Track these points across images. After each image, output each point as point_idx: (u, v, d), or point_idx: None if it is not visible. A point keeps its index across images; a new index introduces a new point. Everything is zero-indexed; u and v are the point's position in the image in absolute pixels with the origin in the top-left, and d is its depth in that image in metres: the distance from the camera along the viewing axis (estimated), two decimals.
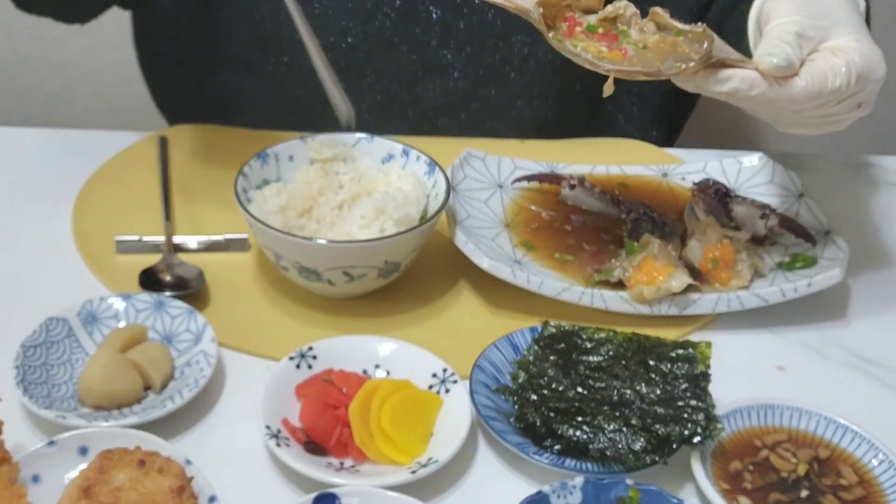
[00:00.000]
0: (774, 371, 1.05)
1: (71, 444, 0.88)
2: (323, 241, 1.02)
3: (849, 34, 1.00)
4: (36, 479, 0.87)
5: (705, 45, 0.96)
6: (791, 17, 1.00)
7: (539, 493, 0.87)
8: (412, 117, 1.33)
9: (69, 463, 0.88)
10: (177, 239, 1.14)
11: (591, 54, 0.98)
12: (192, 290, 1.07)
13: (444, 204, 1.08)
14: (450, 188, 1.10)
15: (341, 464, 0.92)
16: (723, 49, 0.98)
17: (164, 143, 1.27)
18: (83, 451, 0.88)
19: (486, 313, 1.09)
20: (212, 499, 0.85)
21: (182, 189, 1.22)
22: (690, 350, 0.97)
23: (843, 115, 1.02)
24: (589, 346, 0.99)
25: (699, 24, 0.99)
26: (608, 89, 0.97)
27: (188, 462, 0.87)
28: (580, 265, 1.12)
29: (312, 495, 0.86)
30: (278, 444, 0.90)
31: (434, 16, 1.28)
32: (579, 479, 0.88)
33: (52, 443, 0.88)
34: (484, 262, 1.07)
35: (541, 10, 0.98)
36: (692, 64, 0.96)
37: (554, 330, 1.01)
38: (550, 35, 0.98)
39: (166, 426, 0.94)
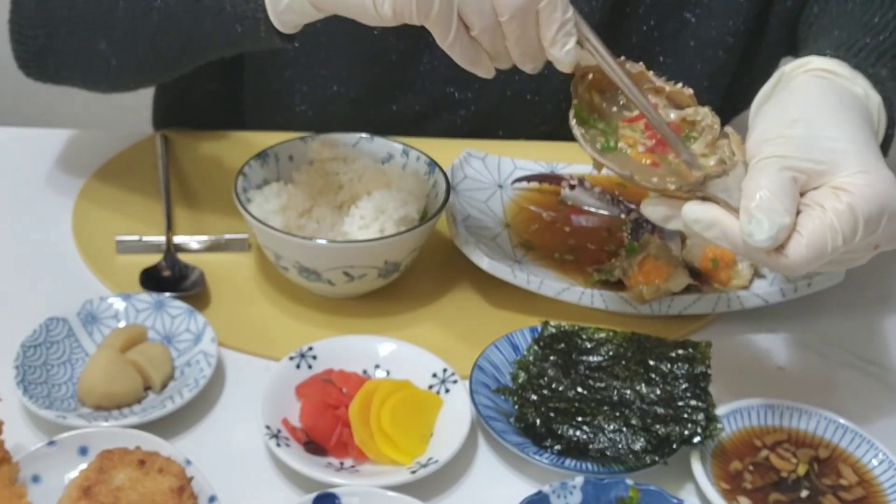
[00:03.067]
0: (774, 371, 1.05)
1: (71, 444, 0.88)
2: (323, 241, 1.02)
3: (853, 164, 0.84)
4: (36, 479, 0.87)
5: (712, 174, 0.86)
6: (779, 150, 0.85)
7: (539, 493, 0.87)
8: None
9: (69, 463, 0.88)
10: (177, 239, 1.14)
11: (604, 143, 0.91)
12: (192, 292, 1.07)
13: (444, 204, 1.08)
14: (450, 188, 1.10)
15: (341, 464, 0.92)
16: (728, 190, 0.86)
17: (164, 143, 1.27)
18: (83, 451, 0.88)
19: (486, 313, 1.09)
20: (212, 499, 0.85)
21: (182, 189, 1.22)
22: (690, 350, 0.97)
23: (860, 255, 0.88)
24: (589, 346, 0.99)
25: (738, 160, 0.88)
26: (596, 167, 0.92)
27: (188, 462, 0.87)
28: (580, 265, 1.12)
29: (312, 495, 0.86)
30: (278, 444, 0.90)
31: (439, 53, 1.27)
32: (579, 479, 0.88)
33: (52, 443, 0.88)
34: (484, 262, 1.07)
35: (590, 76, 0.92)
36: (672, 187, 0.86)
37: (554, 330, 1.01)
38: (574, 102, 0.92)
39: (166, 426, 0.94)
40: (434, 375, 0.98)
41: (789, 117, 0.88)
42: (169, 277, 1.09)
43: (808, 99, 0.91)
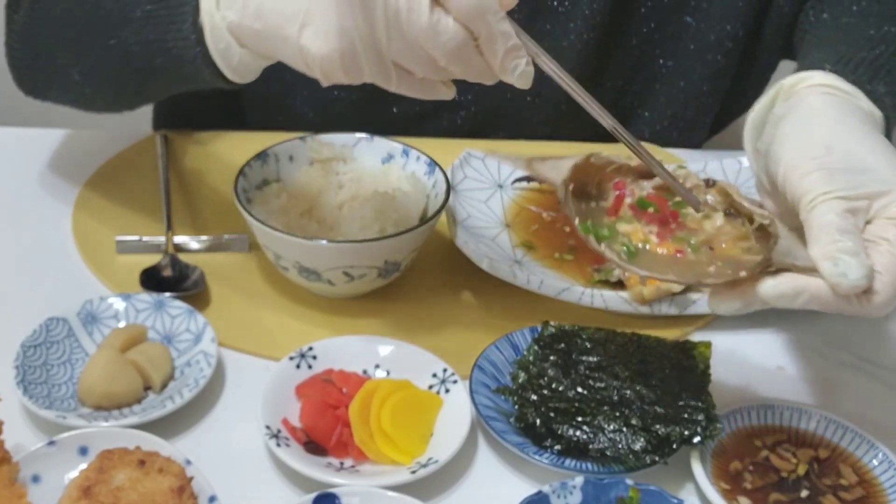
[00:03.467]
0: (774, 371, 1.05)
1: (71, 444, 0.88)
2: (323, 241, 1.02)
3: None
4: (36, 479, 0.87)
5: (769, 244, 0.82)
6: (827, 186, 0.83)
7: (539, 493, 0.87)
8: None
9: (69, 463, 0.88)
10: (177, 239, 1.14)
11: (626, 248, 0.87)
12: (192, 292, 1.07)
13: (444, 204, 1.08)
14: (450, 188, 1.10)
15: (341, 464, 0.92)
16: (789, 252, 0.82)
17: (164, 143, 1.27)
18: (83, 451, 0.88)
19: (486, 313, 1.09)
20: (212, 499, 0.85)
21: (182, 189, 1.22)
22: (690, 350, 0.97)
23: None
24: (589, 346, 0.99)
25: (766, 214, 0.85)
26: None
27: (188, 462, 0.87)
28: (580, 265, 1.12)
29: (312, 495, 0.86)
30: (278, 444, 0.90)
31: None
32: (579, 479, 0.88)
33: (52, 443, 0.88)
34: (484, 262, 1.07)
35: (570, 186, 0.88)
36: (743, 273, 0.82)
37: (554, 330, 1.01)
38: (577, 222, 0.87)
39: (166, 426, 0.94)
40: (434, 375, 0.98)
41: (821, 143, 0.86)
42: (169, 277, 1.09)
43: (831, 120, 0.89)
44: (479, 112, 1.30)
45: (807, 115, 0.91)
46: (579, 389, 0.96)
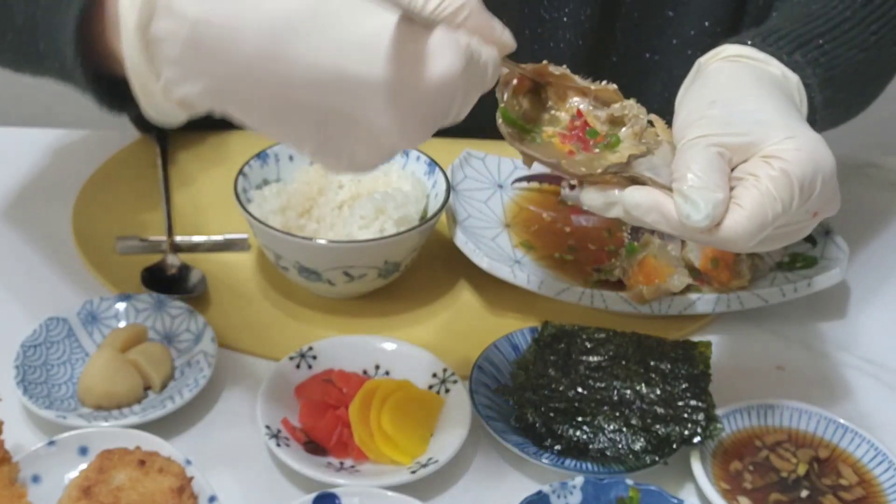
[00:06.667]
0: (774, 371, 1.05)
1: (71, 444, 0.88)
2: (323, 241, 1.02)
3: (779, 132, 0.83)
4: (36, 479, 0.87)
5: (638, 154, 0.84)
6: (701, 130, 0.84)
7: (539, 493, 0.87)
8: None
9: (69, 463, 0.88)
10: (177, 239, 1.14)
11: (535, 140, 0.88)
12: (193, 294, 1.07)
13: (444, 204, 1.08)
14: (450, 188, 1.10)
15: (341, 464, 0.92)
16: (653, 168, 0.84)
17: (164, 143, 1.27)
18: (83, 451, 0.89)
19: (486, 313, 1.09)
20: (212, 499, 0.85)
21: (182, 189, 1.22)
22: (690, 350, 0.97)
23: (800, 226, 0.86)
24: (589, 346, 0.99)
25: (661, 138, 0.86)
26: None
27: (188, 462, 0.87)
28: (580, 265, 1.12)
29: (312, 495, 0.86)
30: (278, 444, 0.90)
31: None
32: (579, 479, 0.88)
33: (52, 443, 0.88)
34: (484, 262, 1.07)
35: (514, 81, 0.89)
36: (598, 170, 0.83)
37: (554, 330, 1.01)
38: (502, 105, 0.89)
39: (166, 426, 0.94)
40: (434, 375, 0.98)
41: (707, 99, 0.88)
42: (169, 277, 1.09)
43: (723, 80, 0.91)
44: (472, 126, 1.29)
45: (704, 80, 0.92)
46: (579, 389, 0.96)
